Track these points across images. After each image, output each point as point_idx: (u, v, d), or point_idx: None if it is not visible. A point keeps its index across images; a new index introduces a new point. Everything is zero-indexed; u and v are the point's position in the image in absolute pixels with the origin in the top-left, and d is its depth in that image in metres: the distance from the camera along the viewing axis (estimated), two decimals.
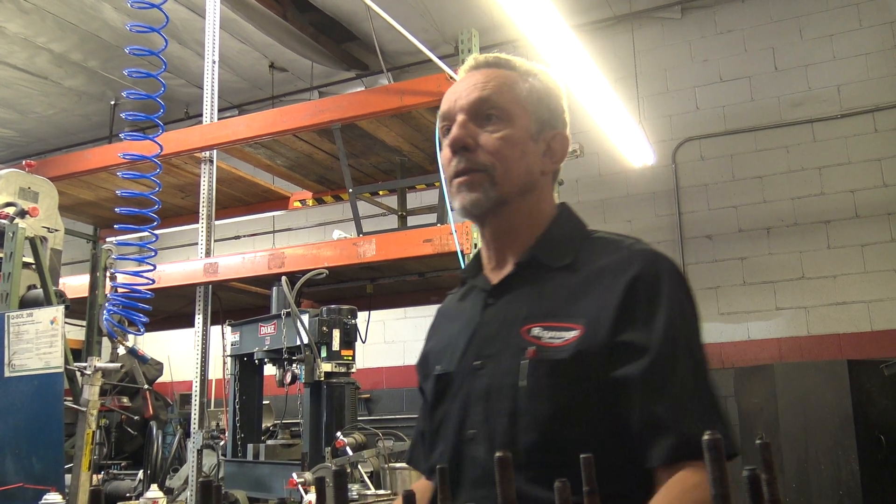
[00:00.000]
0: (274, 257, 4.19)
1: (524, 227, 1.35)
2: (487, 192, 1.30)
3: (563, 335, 1.20)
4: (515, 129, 1.33)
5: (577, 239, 1.36)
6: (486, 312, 1.33)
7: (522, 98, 1.36)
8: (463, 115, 1.34)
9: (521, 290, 1.31)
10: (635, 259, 1.25)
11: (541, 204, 1.38)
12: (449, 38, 7.69)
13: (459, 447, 1.26)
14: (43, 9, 7.23)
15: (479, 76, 1.37)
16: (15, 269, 3.42)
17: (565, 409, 1.16)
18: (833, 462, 4.95)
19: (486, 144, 1.31)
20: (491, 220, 1.35)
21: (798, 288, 6.70)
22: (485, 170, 1.30)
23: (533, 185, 1.36)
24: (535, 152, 1.35)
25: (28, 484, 2.81)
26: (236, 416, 4.29)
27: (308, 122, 4.17)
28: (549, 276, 1.30)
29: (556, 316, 1.23)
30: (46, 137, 10.22)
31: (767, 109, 7.05)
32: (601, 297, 1.21)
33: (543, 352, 1.20)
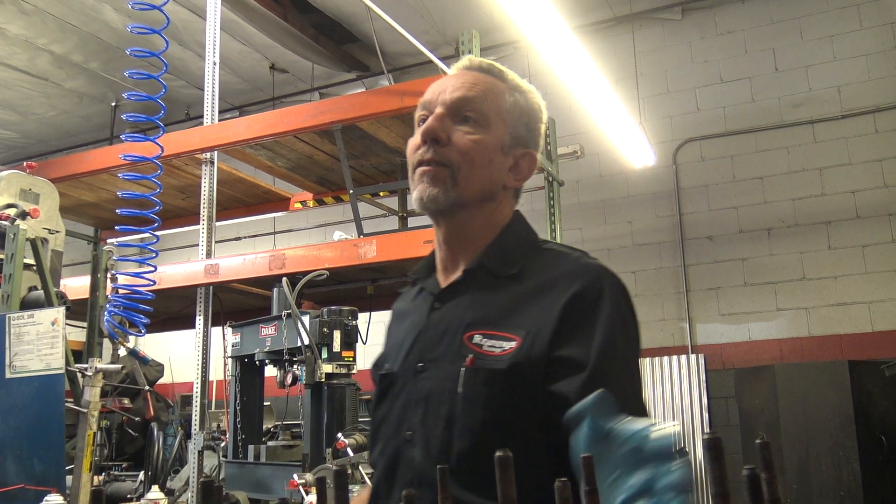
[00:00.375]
0: (275, 258, 4.19)
1: (478, 234, 1.36)
2: (447, 191, 1.30)
3: (503, 345, 1.22)
4: (489, 136, 1.33)
5: (526, 249, 1.36)
6: (432, 316, 1.34)
7: (504, 110, 1.36)
8: (442, 108, 1.34)
9: (466, 296, 1.32)
10: (579, 274, 1.26)
11: (497, 215, 1.38)
12: (450, 40, 7.69)
13: (397, 448, 1.28)
14: (44, 10, 7.24)
15: (468, 77, 1.38)
16: (16, 270, 3.42)
17: (498, 417, 1.18)
18: (834, 463, 4.95)
19: (457, 142, 1.31)
20: (446, 221, 1.36)
21: (799, 289, 6.70)
22: (450, 166, 1.30)
23: (493, 195, 1.36)
24: (502, 164, 1.35)
25: (29, 485, 2.81)
26: (237, 418, 4.29)
27: (309, 123, 4.17)
28: (495, 284, 1.30)
29: (497, 325, 1.24)
30: (47, 139, 10.23)
31: (768, 110, 7.06)
32: (543, 309, 1.23)
33: (482, 360, 1.22)
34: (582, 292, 1.22)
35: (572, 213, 7.26)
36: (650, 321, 7.21)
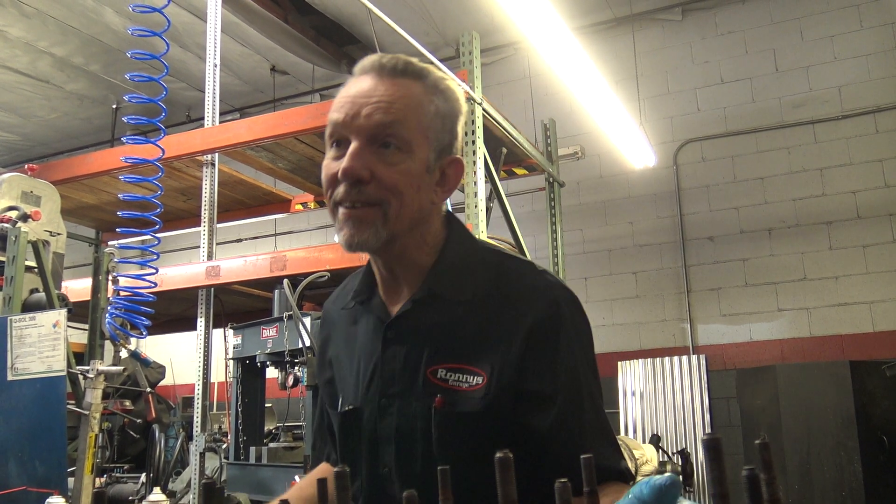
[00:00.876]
0: (276, 260, 4.20)
1: (416, 256, 1.29)
2: (378, 232, 1.20)
3: (469, 379, 1.20)
4: (414, 161, 1.22)
5: (473, 265, 1.29)
6: (388, 350, 1.28)
7: (426, 124, 1.24)
8: (359, 140, 1.20)
9: (421, 325, 1.26)
10: (535, 297, 1.23)
11: (430, 233, 1.30)
12: (450, 41, 7.70)
13: (377, 483, 1.26)
14: (45, 13, 7.25)
15: (382, 89, 1.23)
16: (17, 272, 3.42)
17: (476, 455, 1.14)
18: (836, 463, 4.94)
19: (382, 177, 1.19)
20: (381, 255, 1.29)
21: (800, 289, 6.70)
22: (378, 204, 1.20)
23: (423, 218, 1.27)
24: (429, 184, 1.25)
25: (31, 487, 2.81)
26: (238, 419, 4.29)
27: (309, 124, 4.17)
28: (449, 310, 1.25)
29: (460, 357, 1.22)
30: (49, 141, 10.24)
31: (768, 111, 7.06)
32: (502, 339, 1.21)
33: (451, 397, 1.20)
34: (542, 320, 1.21)
35: (573, 214, 7.27)
36: (651, 322, 7.21)
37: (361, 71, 1.28)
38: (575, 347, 1.21)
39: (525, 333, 1.19)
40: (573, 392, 1.19)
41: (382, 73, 1.25)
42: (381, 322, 1.31)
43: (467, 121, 3.80)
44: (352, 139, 1.21)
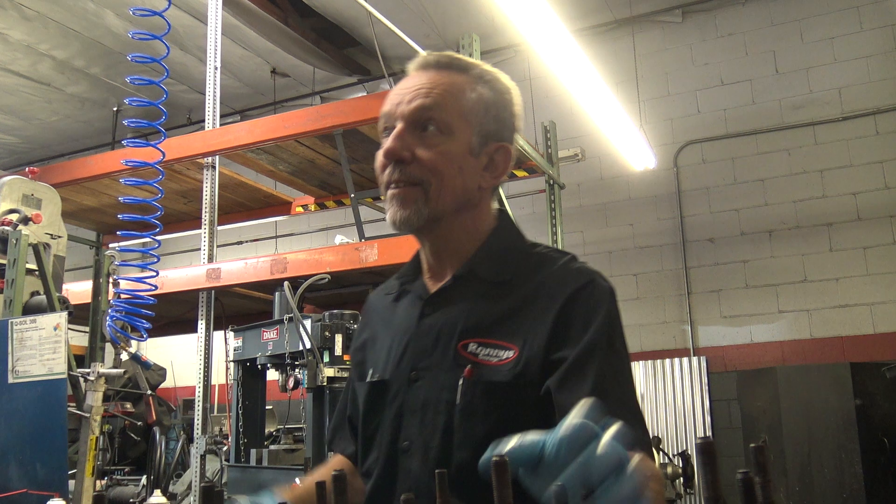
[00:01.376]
0: (276, 262, 4.20)
1: (462, 241, 1.33)
2: (420, 210, 1.26)
3: (499, 353, 1.20)
4: (455, 143, 1.28)
5: (516, 253, 1.33)
6: (423, 323, 1.31)
7: (467, 109, 1.30)
8: (402, 123, 1.28)
9: (457, 302, 1.29)
10: (570, 279, 1.24)
11: (479, 219, 1.34)
12: (450, 43, 7.70)
13: (394, 458, 1.26)
14: (45, 16, 7.26)
15: (425, 79, 1.31)
16: (18, 275, 3.43)
17: (499, 429, 1.12)
18: (836, 465, 4.94)
19: (422, 158, 1.26)
20: (426, 235, 1.33)
21: (800, 291, 6.70)
22: (419, 184, 1.26)
23: (469, 201, 1.31)
24: (473, 167, 1.30)
25: (32, 490, 2.82)
26: (239, 422, 4.29)
27: (310, 127, 4.18)
28: (487, 291, 1.28)
29: (492, 333, 1.23)
30: (50, 144, 10.25)
31: (768, 112, 7.06)
32: (536, 316, 1.21)
33: (480, 370, 1.20)
34: (573, 299, 1.21)
35: (573, 216, 7.27)
36: (652, 324, 7.21)
37: (410, 69, 1.37)
38: (603, 326, 1.19)
39: (558, 309, 1.20)
40: (586, 354, 1.16)
41: (427, 68, 1.34)
42: (419, 299, 1.34)
43: None
44: (397, 124, 1.29)
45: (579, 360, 1.15)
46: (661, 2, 7.51)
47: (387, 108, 1.32)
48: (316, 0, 7.32)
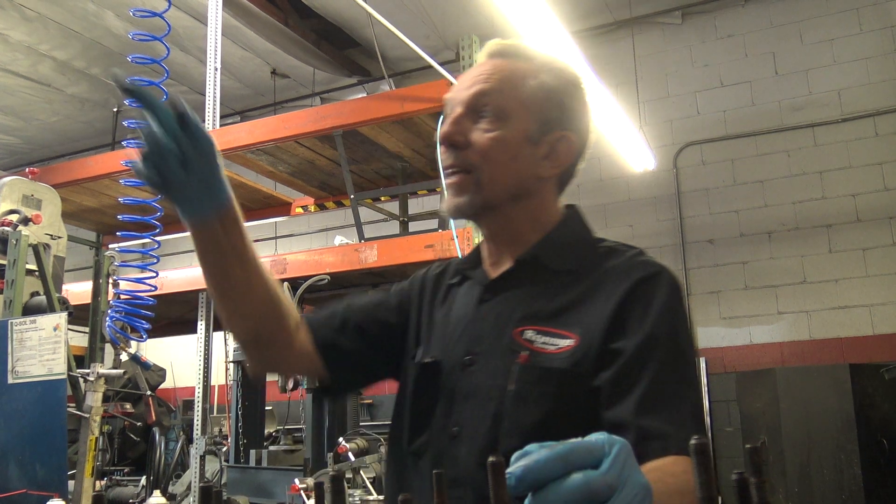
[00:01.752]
0: (276, 263, 4.21)
1: (523, 231, 1.30)
2: (472, 198, 1.25)
3: (557, 342, 1.17)
4: (510, 130, 1.26)
5: (582, 245, 1.31)
6: (481, 308, 1.28)
7: (526, 96, 1.27)
8: (460, 108, 1.28)
9: (518, 289, 1.26)
10: (634, 271, 1.21)
11: (542, 210, 1.32)
12: (450, 45, 7.71)
13: (442, 444, 1.23)
14: (46, 17, 7.26)
15: (486, 66, 1.30)
16: (18, 276, 3.43)
17: (550, 417, 1.14)
18: (836, 466, 4.94)
19: (476, 143, 1.25)
20: (482, 222, 1.32)
21: (800, 292, 6.71)
22: (471, 170, 1.25)
23: (527, 191, 1.29)
24: (530, 156, 1.27)
25: (31, 490, 2.82)
26: (239, 422, 4.30)
27: (310, 128, 4.18)
28: (549, 278, 1.25)
29: (551, 321, 1.19)
30: (50, 144, 10.25)
31: (768, 114, 7.06)
32: (597, 307, 1.18)
33: (536, 357, 1.17)
34: (635, 288, 1.18)
35: None
36: None
37: (480, 58, 1.36)
38: (663, 318, 1.15)
39: (620, 298, 1.17)
40: (644, 351, 1.11)
41: (492, 56, 1.33)
42: (479, 285, 1.32)
43: None
44: (455, 110, 1.29)
45: (637, 355, 1.11)
46: (661, 3, 7.51)
47: (450, 94, 1.33)
48: (316, 1, 7.32)
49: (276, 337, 1.33)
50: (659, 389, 1.09)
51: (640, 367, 1.11)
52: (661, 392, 1.09)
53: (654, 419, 1.06)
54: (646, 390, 1.09)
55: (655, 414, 1.07)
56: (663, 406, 1.08)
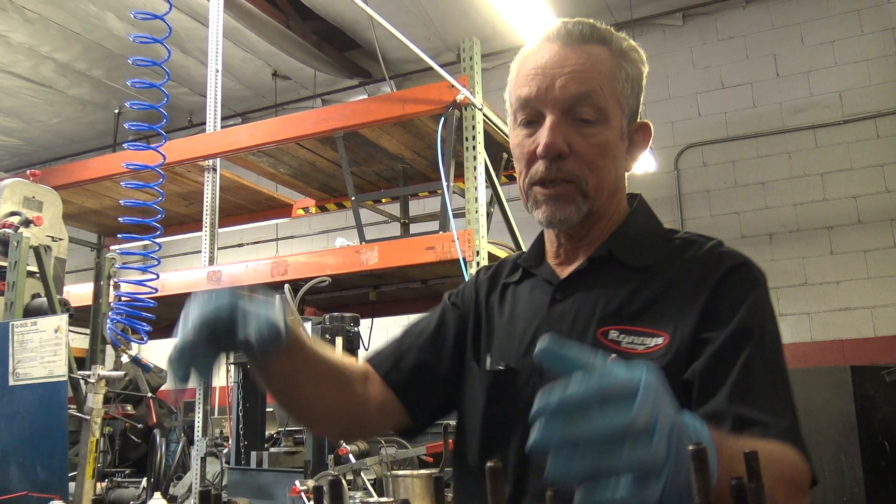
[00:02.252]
0: (277, 265, 4.21)
1: (602, 226, 1.25)
2: (580, 207, 1.18)
3: (646, 341, 1.11)
4: (610, 131, 1.18)
5: (656, 238, 1.25)
6: (554, 308, 1.21)
7: (619, 91, 1.20)
8: (555, 113, 1.16)
9: (593, 287, 1.19)
10: (721, 262, 1.15)
11: (620, 202, 1.27)
12: (451, 46, 7.71)
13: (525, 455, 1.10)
14: (48, 18, 7.27)
15: (574, 58, 1.18)
16: (19, 278, 3.44)
17: None
18: (837, 468, 4.94)
19: (580, 151, 1.16)
20: (573, 228, 1.24)
21: (801, 294, 6.70)
22: (575, 181, 1.17)
23: (618, 188, 1.25)
24: (622, 153, 1.23)
25: (32, 492, 2.82)
26: (240, 424, 4.29)
27: (311, 130, 4.18)
28: (626, 276, 1.19)
29: (637, 320, 1.13)
30: (51, 146, 10.27)
31: (769, 116, 7.06)
32: (685, 301, 1.12)
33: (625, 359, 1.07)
34: (724, 280, 1.12)
35: None
36: None
37: (546, 39, 1.22)
38: (753, 308, 1.10)
39: (709, 291, 1.11)
40: (734, 343, 1.07)
41: (570, 41, 1.20)
42: (548, 284, 1.25)
43: (467, 125, 3.81)
44: (547, 113, 1.17)
45: (728, 347, 1.06)
46: (662, 5, 7.52)
47: (529, 91, 1.19)
48: (317, 3, 7.33)
49: (356, 415, 1.28)
50: (753, 380, 1.05)
51: (732, 358, 1.06)
52: (756, 382, 1.05)
53: (750, 409, 1.02)
54: (738, 380, 1.04)
55: (750, 404, 1.03)
56: (758, 396, 1.04)
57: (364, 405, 1.28)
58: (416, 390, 1.31)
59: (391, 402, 1.30)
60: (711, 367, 1.06)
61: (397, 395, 1.30)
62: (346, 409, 1.26)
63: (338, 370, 1.25)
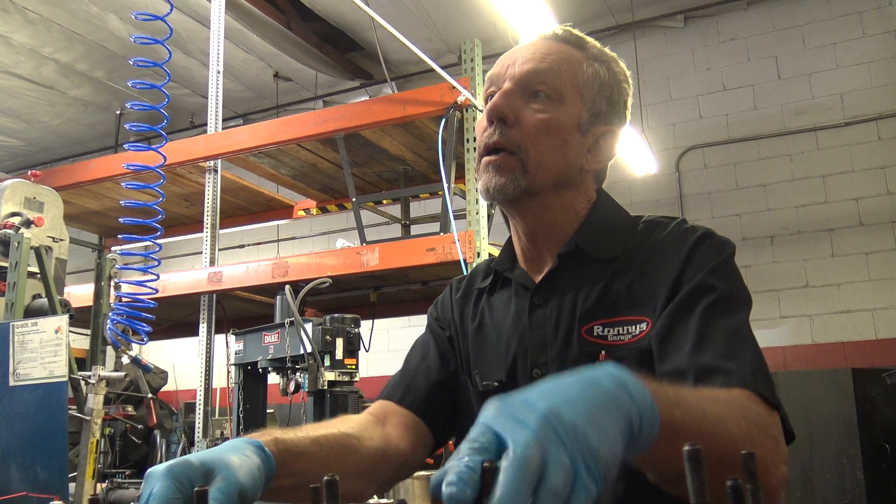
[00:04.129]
0: (278, 266, 4.21)
1: (559, 221, 1.23)
2: (517, 180, 1.16)
3: (631, 330, 1.12)
4: (562, 113, 1.19)
5: (622, 226, 1.25)
6: (535, 315, 1.21)
7: (581, 82, 1.22)
8: (511, 83, 1.20)
9: (569, 286, 1.19)
10: (685, 238, 1.15)
11: (578, 200, 1.25)
12: (452, 48, 7.72)
13: None
14: (49, 19, 7.28)
15: (541, 46, 1.23)
16: (20, 278, 3.44)
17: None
18: (838, 470, 4.93)
19: (525, 122, 1.17)
20: (520, 211, 1.23)
21: (802, 296, 6.70)
22: (516, 152, 1.16)
23: (570, 180, 1.22)
24: (579, 145, 1.21)
25: (32, 493, 2.82)
26: (240, 425, 4.29)
27: (312, 131, 4.18)
28: (598, 268, 1.19)
29: (617, 311, 1.14)
30: (53, 147, 10.27)
31: (771, 118, 7.06)
32: (658, 282, 1.13)
33: (615, 352, 1.11)
34: (692, 253, 1.12)
35: None
36: None
37: (525, 40, 1.29)
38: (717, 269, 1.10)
39: (678, 266, 1.11)
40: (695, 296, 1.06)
41: (545, 37, 1.27)
42: (524, 289, 1.25)
43: (468, 127, 3.81)
44: (504, 85, 1.21)
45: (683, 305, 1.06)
46: (664, 7, 7.51)
47: (495, 71, 1.25)
48: (318, 4, 7.33)
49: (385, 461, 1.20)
50: (714, 328, 1.04)
51: (689, 313, 1.06)
52: (717, 330, 1.04)
53: (712, 357, 1.01)
54: (700, 330, 1.04)
55: (712, 352, 1.01)
56: (718, 345, 1.02)
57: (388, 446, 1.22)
58: (434, 406, 1.31)
59: (412, 425, 1.28)
60: (669, 325, 1.06)
61: (417, 415, 1.29)
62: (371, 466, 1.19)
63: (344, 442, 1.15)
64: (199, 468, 0.81)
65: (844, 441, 4.94)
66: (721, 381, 0.98)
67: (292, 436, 1.04)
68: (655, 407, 0.70)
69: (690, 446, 0.49)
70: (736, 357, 1.01)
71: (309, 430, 1.10)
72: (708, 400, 0.86)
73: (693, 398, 0.82)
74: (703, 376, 0.99)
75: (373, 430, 1.22)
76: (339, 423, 1.18)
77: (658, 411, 0.70)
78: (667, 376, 1.03)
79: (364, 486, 1.20)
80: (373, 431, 1.21)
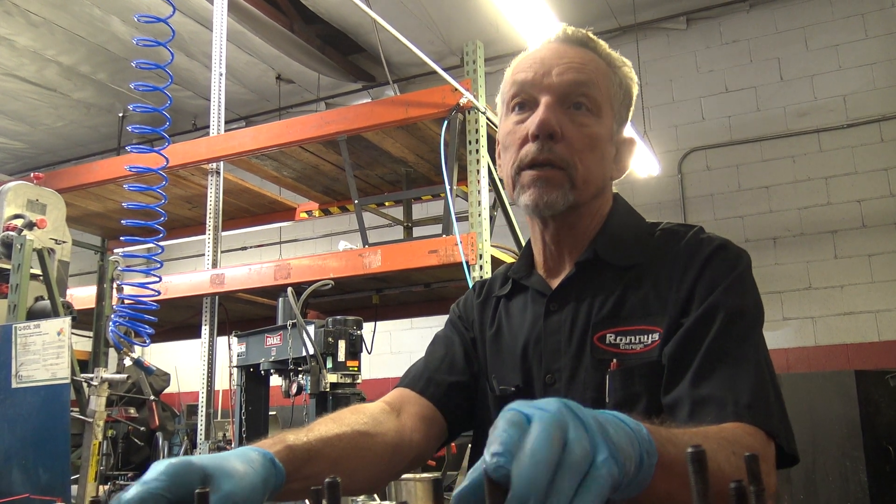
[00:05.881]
0: (280, 268, 4.21)
1: (584, 229, 1.25)
2: (566, 195, 1.17)
3: (643, 340, 1.12)
4: (602, 127, 1.20)
5: (639, 234, 1.25)
6: (550, 320, 1.21)
7: (612, 92, 1.22)
8: (551, 96, 1.17)
9: (585, 294, 1.20)
10: (700, 249, 1.16)
11: (603, 207, 1.28)
12: (455, 50, 7.72)
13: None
14: (52, 22, 7.29)
15: (572, 54, 1.21)
16: (22, 280, 3.44)
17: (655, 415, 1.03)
18: (841, 473, 4.92)
19: (571, 138, 1.16)
20: (557, 222, 1.23)
21: (805, 298, 6.69)
22: (565, 167, 1.16)
23: (602, 192, 1.25)
24: (610, 156, 1.24)
25: (34, 495, 2.82)
26: (242, 427, 4.29)
27: (314, 133, 4.19)
28: (615, 276, 1.19)
29: (630, 320, 1.14)
30: (56, 149, 10.29)
31: (773, 119, 7.05)
32: (672, 293, 1.13)
33: (626, 361, 1.11)
34: (704, 266, 1.12)
35: None
36: None
37: (546, 40, 1.27)
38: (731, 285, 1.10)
39: (692, 278, 1.12)
40: (704, 322, 1.06)
41: (567, 41, 1.25)
42: (540, 296, 1.25)
43: (470, 129, 3.82)
44: (541, 98, 1.18)
45: (694, 330, 1.07)
46: (666, 9, 7.51)
47: (526, 75, 1.21)
48: (321, 7, 7.34)
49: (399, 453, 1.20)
50: (717, 357, 1.04)
51: (698, 341, 1.06)
52: (720, 359, 1.04)
53: (709, 386, 1.01)
54: (701, 362, 1.04)
55: (711, 380, 1.02)
56: (720, 374, 1.03)
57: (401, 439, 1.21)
58: (454, 401, 1.31)
59: (429, 417, 1.28)
60: (679, 351, 1.07)
61: (437, 407, 1.29)
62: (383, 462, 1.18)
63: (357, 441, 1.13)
64: (198, 472, 0.80)
65: (847, 443, 4.93)
66: (715, 413, 0.99)
67: (304, 439, 1.03)
68: (653, 440, 0.70)
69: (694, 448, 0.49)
70: (734, 387, 1.02)
71: (322, 428, 1.09)
72: (699, 437, 0.87)
73: (685, 436, 0.83)
74: (699, 408, 1.00)
75: (387, 422, 1.20)
76: (352, 418, 1.16)
77: (655, 445, 0.70)
78: (665, 407, 1.05)
79: (375, 481, 1.20)
80: (387, 424, 1.20)
